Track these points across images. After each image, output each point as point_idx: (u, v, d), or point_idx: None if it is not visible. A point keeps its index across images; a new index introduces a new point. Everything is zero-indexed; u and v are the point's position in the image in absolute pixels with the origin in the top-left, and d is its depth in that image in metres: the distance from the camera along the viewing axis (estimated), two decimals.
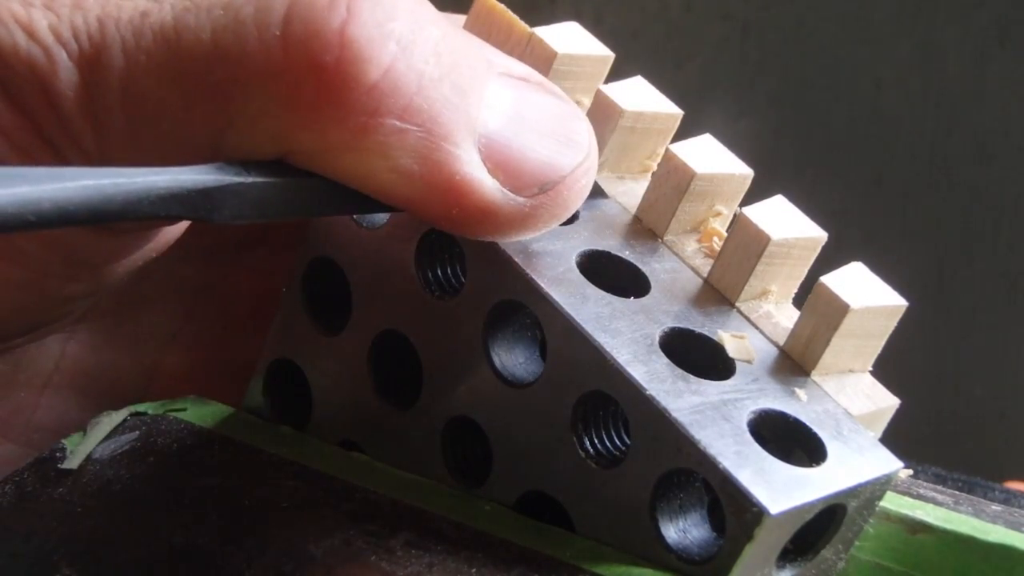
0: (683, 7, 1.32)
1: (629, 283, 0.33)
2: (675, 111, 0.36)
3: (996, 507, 0.34)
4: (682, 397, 0.31)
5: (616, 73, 0.36)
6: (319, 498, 0.33)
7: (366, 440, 0.35)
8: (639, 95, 0.36)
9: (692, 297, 0.34)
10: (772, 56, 1.31)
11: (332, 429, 0.36)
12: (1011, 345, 1.30)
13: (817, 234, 0.34)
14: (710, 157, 0.35)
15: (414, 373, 0.34)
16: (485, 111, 0.31)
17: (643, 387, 0.30)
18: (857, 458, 0.31)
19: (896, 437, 0.34)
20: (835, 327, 0.33)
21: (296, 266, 0.36)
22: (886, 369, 0.34)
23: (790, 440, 0.31)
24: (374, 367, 0.35)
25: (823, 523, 0.31)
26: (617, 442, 0.32)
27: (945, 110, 1.28)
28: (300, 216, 0.34)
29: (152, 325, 0.39)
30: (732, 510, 0.29)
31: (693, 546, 0.30)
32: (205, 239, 0.38)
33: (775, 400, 0.32)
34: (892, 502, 0.33)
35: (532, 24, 0.36)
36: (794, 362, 0.33)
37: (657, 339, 0.32)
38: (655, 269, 0.34)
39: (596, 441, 0.32)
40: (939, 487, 0.34)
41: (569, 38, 0.36)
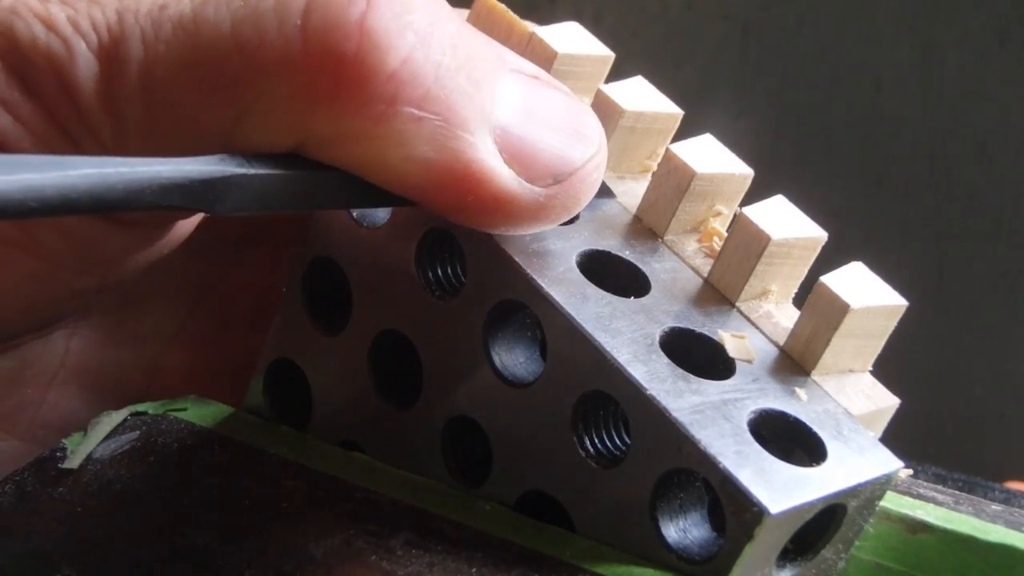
0: (683, 7, 1.32)
1: (629, 283, 0.33)
2: (675, 111, 0.36)
3: (996, 507, 0.34)
4: (682, 397, 0.31)
5: (616, 73, 0.36)
6: (319, 498, 0.33)
7: (366, 440, 0.35)
8: (639, 95, 0.36)
9: (692, 297, 0.34)
10: (772, 56, 1.31)
11: (332, 429, 0.36)
12: (1011, 345, 1.30)
13: (817, 234, 0.34)
14: (710, 157, 0.35)
15: (414, 373, 0.34)
16: (499, 104, 0.31)
17: (643, 387, 0.30)
18: (857, 458, 0.31)
19: (896, 437, 0.34)
20: (835, 327, 0.33)
21: (296, 266, 0.36)
22: (886, 369, 0.34)
23: (790, 440, 0.31)
24: (374, 367, 0.35)
25: (823, 523, 0.31)
26: (617, 442, 0.32)
27: (945, 110, 1.28)
28: (304, 209, 0.34)
29: (155, 322, 0.39)
30: (732, 510, 0.29)
31: (693, 546, 0.30)
32: (207, 236, 0.38)
33: (775, 400, 0.32)
34: (892, 502, 0.33)
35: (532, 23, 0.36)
36: (794, 362, 0.33)
37: (657, 339, 0.32)
38: (655, 269, 0.34)
39: (596, 441, 0.32)
40: (939, 487, 0.34)
41: (569, 38, 0.36)
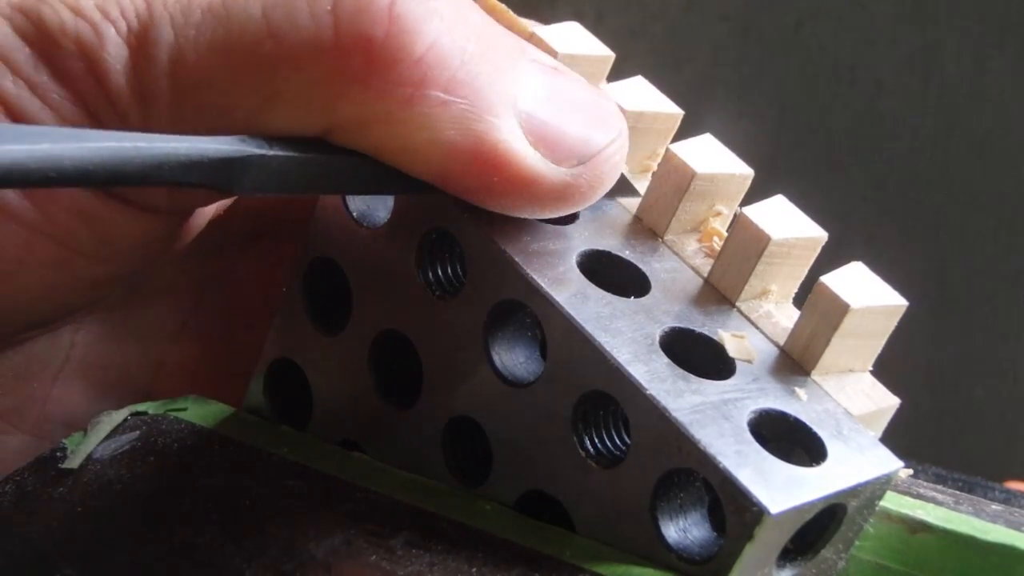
0: (683, 7, 1.32)
1: (629, 283, 0.33)
2: (675, 111, 0.36)
3: (996, 507, 0.34)
4: (682, 397, 0.31)
5: (616, 73, 0.36)
6: (319, 498, 0.33)
7: (366, 440, 0.35)
8: (639, 95, 0.36)
9: (692, 297, 0.34)
10: (772, 56, 1.31)
11: (332, 429, 0.36)
12: (1011, 345, 1.30)
13: (817, 234, 0.34)
14: (710, 157, 0.35)
15: (414, 373, 0.34)
16: (523, 90, 0.32)
17: (643, 387, 0.30)
18: (857, 458, 0.31)
19: (896, 437, 0.34)
20: (835, 327, 0.33)
21: (297, 266, 0.36)
22: (886, 369, 0.34)
23: (790, 440, 0.31)
24: (374, 367, 0.35)
25: (823, 523, 0.31)
26: (617, 442, 0.32)
27: (945, 110, 1.28)
28: (323, 192, 0.35)
29: (160, 318, 0.39)
30: (732, 510, 0.29)
31: (693, 545, 0.30)
32: (211, 234, 0.38)
33: (775, 400, 0.32)
34: (892, 502, 0.33)
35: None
36: (794, 362, 0.33)
37: (657, 339, 0.32)
38: (655, 269, 0.34)
39: (596, 441, 0.32)
40: (939, 487, 0.34)
41: (569, 38, 0.36)
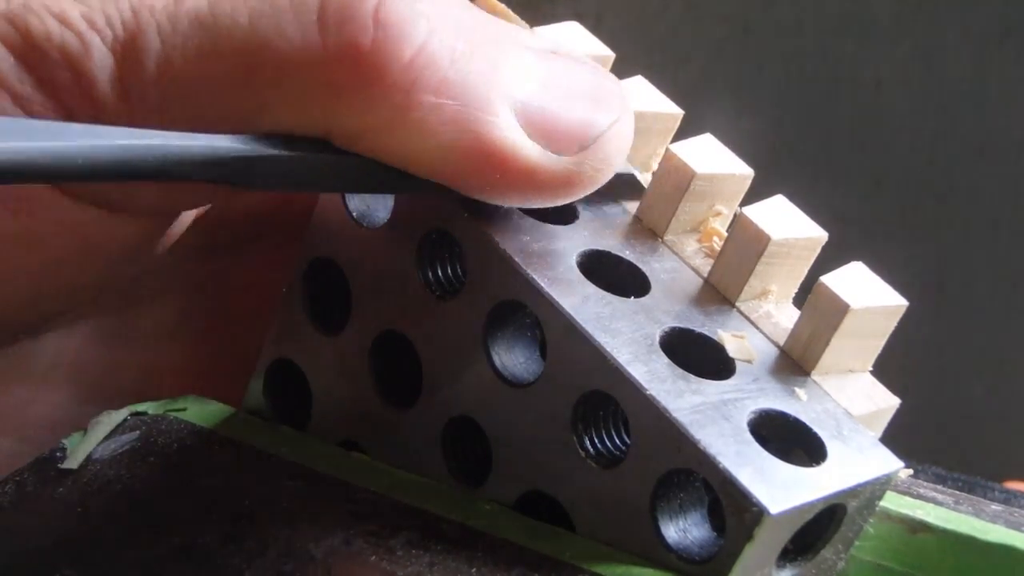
0: (683, 7, 1.32)
1: (629, 283, 0.33)
2: (675, 111, 0.36)
3: (996, 507, 0.34)
4: (682, 397, 0.31)
5: (616, 73, 0.36)
6: (319, 498, 0.33)
7: (366, 440, 0.35)
8: (639, 95, 0.36)
9: (692, 297, 0.34)
10: (772, 56, 1.31)
11: (332, 429, 0.36)
12: (1011, 345, 1.30)
13: (817, 234, 0.34)
14: (710, 157, 0.35)
15: (414, 373, 0.34)
16: (517, 80, 0.32)
17: (643, 387, 0.30)
18: (857, 458, 0.31)
19: (896, 437, 0.34)
20: (835, 327, 0.33)
21: (296, 266, 0.36)
22: (886, 369, 0.34)
23: (790, 440, 0.31)
24: (374, 367, 0.35)
25: (823, 523, 0.31)
26: (617, 442, 0.32)
27: (945, 110, 1.28)
28: (334, 190, 0.35)
29: (151, 321, 0.39)
30: (732, 510, 0.29)
31: (693, 546, 0.30)
32: (204, 235, 0.38)
33: (775, 400, 0.32)
34: (892, 502, 0.33)
35: (532, 24, 0.36)
36: (794, 362, 0.33)
37: (657, 339, 0.32)
38: (655, 269, 0.34)
39: (596, 441, 0.32)
40: (939, 487, 0.34)
41: (569, 38, 0.36)
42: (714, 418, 0.30)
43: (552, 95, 0.32)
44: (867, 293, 0.33)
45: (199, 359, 0.40)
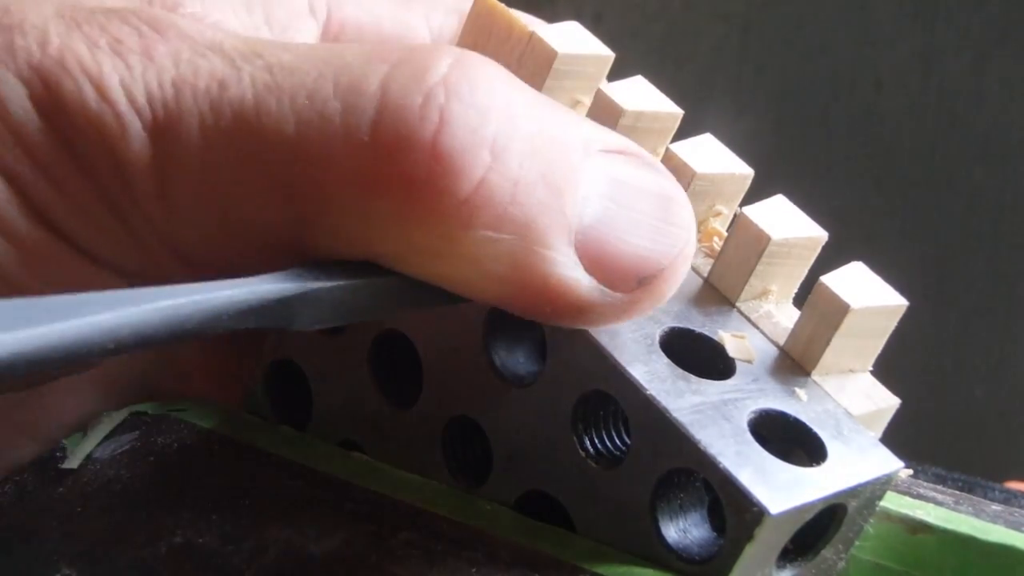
0: (683, 7, 1.32)
1: None
2: (675, 110, 0.36)
3: (996, 507, 0.34)
4: (682, 397, 0.31)
5: (616, 73, 0.36)
6: (319, 498, 0.33)
7: (366, 440, 0.35)
8: (639, 94, 0.36)
9: (692, 297, 0.34)
10: (772, 56, 1.31)
11: (332, 429, 0.36)
12: (1011, 345, 1.30)
13: (817, 234, 0.34)
14: (710, 157, 0.35)
15: (414, 373, 0.34)
16: (581, 203, 0.29)
17: (643, 387, 0.30)
18: (857, 458, 0.31)
19: (896, 437, 0.34)
20: (835, 327, 0.33)
21: None
22: (886, 369, 0.34)
23: (790, 440, 0.31)
24: (374, 367, 0.35)
25: (823, 523, 0.31)
26: (617, 442, 0.32)
27: (945, 110, 1.28)
28: (381, 316, 0.33)
29: None
30: (732, 510, 0.29)
31: (693, 546, 0.30)
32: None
33: (775, 400, 0.32)
34: (892, 502, 0.33)
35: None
36: (794, 362, 0.33)
37: (657, 339, 0.32)
38: None
39: (596, 441, 0.32)
40: (939, 487, 0.34)
41: (569, 38, 0.36)
42: (714, 418, 0.30)
43: (617, 219, 0.30)
44: (867, 293, 0.33)
45: (207, 357, 0.40)
